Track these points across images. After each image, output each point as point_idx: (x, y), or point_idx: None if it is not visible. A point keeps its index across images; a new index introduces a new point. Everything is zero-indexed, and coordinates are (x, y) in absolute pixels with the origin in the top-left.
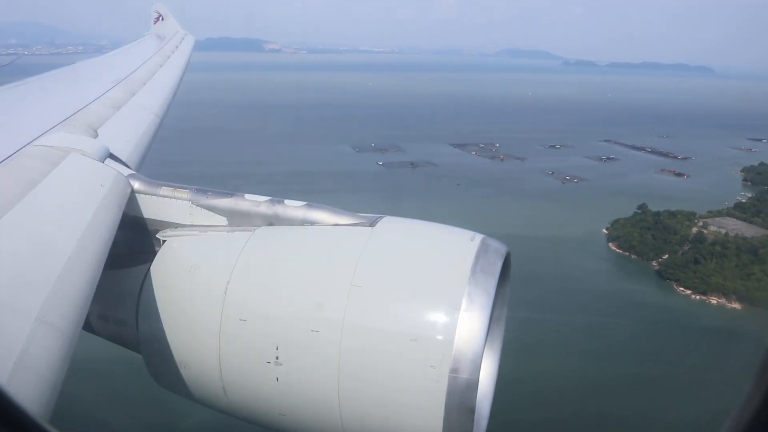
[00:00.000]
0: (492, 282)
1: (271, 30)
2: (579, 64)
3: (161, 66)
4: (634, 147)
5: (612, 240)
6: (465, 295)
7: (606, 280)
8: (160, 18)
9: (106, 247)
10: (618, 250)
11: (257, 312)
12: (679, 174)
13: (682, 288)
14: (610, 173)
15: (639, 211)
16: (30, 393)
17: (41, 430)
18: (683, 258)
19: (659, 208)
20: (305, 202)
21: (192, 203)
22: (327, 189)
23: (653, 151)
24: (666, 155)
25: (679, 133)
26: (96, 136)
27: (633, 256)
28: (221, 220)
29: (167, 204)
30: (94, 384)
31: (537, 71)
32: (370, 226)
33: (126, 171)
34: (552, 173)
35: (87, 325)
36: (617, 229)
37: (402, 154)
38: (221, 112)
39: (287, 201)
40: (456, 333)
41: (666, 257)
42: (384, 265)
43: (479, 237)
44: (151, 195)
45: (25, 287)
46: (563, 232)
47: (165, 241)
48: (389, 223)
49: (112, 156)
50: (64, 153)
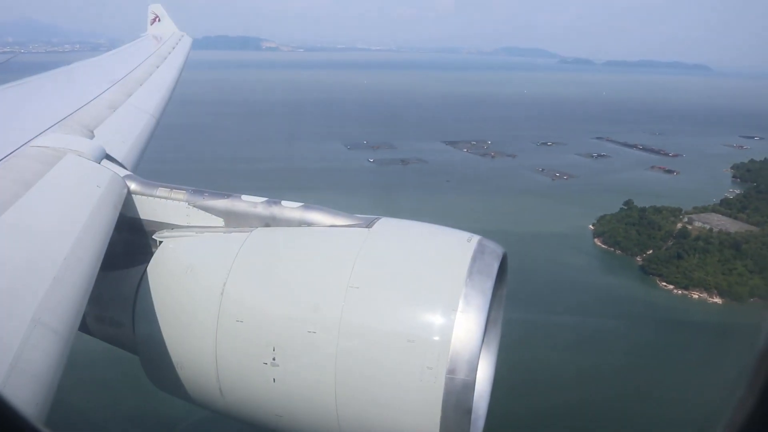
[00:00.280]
0: (489, 283)
1: (269, 28)
2: (576, 62)
3: (158, 67)
4: (626, 144)
5: (598, 236)
6: (462, 297)
7: (589, 275)
8: (156, 19)
9: (102, 248)
10: (603, 245)
11: (254, 313)
12: (669, 171)
13: (664, 283)
14: (600, 170)
15: (625, 207)
16: (25, 395)
17: None
18: (666, 253)
19: (647, 204)
20: (302, 203)
21: (188, 204)
22: (315, 186)
23: (645, 149)
24: (657, 152)
25: (672, 131)
26: (92, 137)
27: (618, 251)
28: (218, 221)
29: (164, 205)
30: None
31: (533, 69)
32: (366, 227)
33: (122, 172)
34: (542, 170)
35: (83, 327)
36: (603, 225)
37: (393, 151)
38: (216, 109)
39: (284, 202)
40: (453, 334)
41: (650, 253)
42: (381, 267)
43: (476, 238)
44: (148, 196)
45: (21, 288)
46: (549, 228)
47: (161, 242)
48: (386, 225)
49: (108, 157)
50: (60, 154)
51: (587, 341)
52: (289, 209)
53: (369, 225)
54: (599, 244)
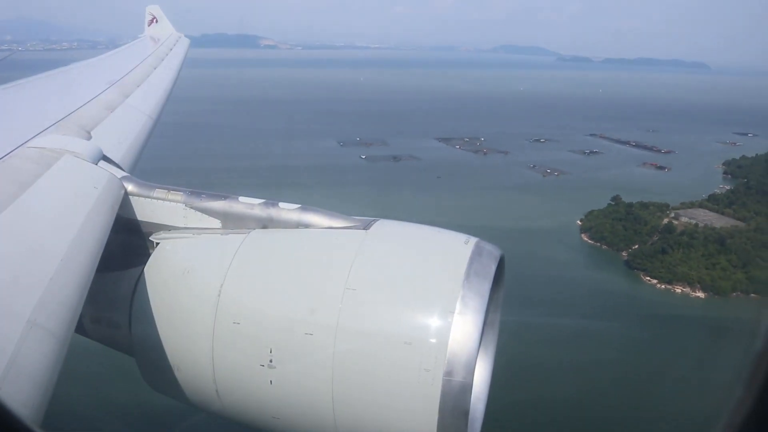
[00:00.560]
0: (486, 285)
1: (267, 26)
2: (574, 60)
3: (155, 68)
4: (619, 141)
5: (585, 231)
6: (459, 299)
7: (573, 270)
8: (154, 20)
9: (99, 250)
10: (590, 241)
11: (251, 315)
12: (661, 167)
13: (648, 278)
14: (591, 166)
15: (612, 203)
16: (21, 396)
17: None
18: (651, 248)
19: (637, 200)
20: (299, 204)
21: (186, 205)
22: (304, 183)
23: (638, 145)
24: (650, 149)
25: (666, 128)
26: (89, 137)
27: (604, 246)
28: (215, 222)
29: (161, 206)
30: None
31: (531, 67)
32: (364, 229)
33: (119, 173)
34: (533, 166)
35: (80, 328)
36: (590, 221)
37: (386, 148)
38: (212, 107)
39: (281, 204)
40: (450, 336)
41: (635, 248)
42: (378, 269)
43: (473, 240)
44: (145, 197)
45: (17, 289)
46: (537, 223)
47: (158, 244)
48: (383, 226)
49: (105, 158)
50: (57, 155)
51: (566, 338)
52: (287, 211)
53: (366, 227)
54: (586, 239)
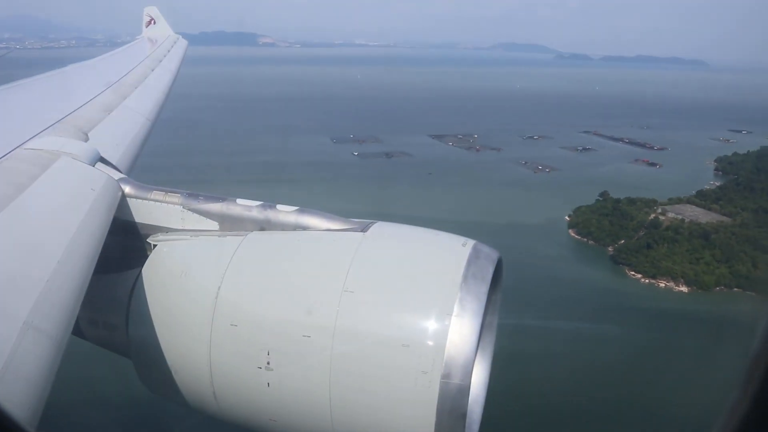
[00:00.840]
0: (483, 288)
1: (266, 24)
2: (573, 57)
3: (153, 70)
4: (612, 138)
5: (572, 227)
6: (456, 301)
7: (559, 265)
8: (152, 22)
9: (96, 251)
10: (577, 236)
11: (248, 317)
12: (652, 164)
13: (633, 272)
14: (583, 163)
15: (600, 199)
16: (17, 398)
17: None
18: (637, 243)
19: (627, 196)
20: (297, 207)
21: (183, 207)
22: (293, 178)
23: (631, 142)
24: (643, 146)
25: (661, 125)
26: (86, 139)
27: (590, 242)
28: (213, 224)
29: (158, 208)
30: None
31: (530, 65)
32: (362, 231)
33: (117, 175)
34: (525, 163)
35: (76, 330)
36: (578, 216)
37: (379, 145)
38: (209, 104)
39: (279, 206)
40: (447, 339)
41: (621, 243)
42: (376, 271)
43: (471, 243)
44: (142, 199)
45: (14, 291)
46: (525, 219)
47: (156, 246)
48: (381, 229)
49: (102, 159)
50: (54, 156)
51: (542, 333)
52: (284, 213)
53: (364, 229)
54: (573, 234)
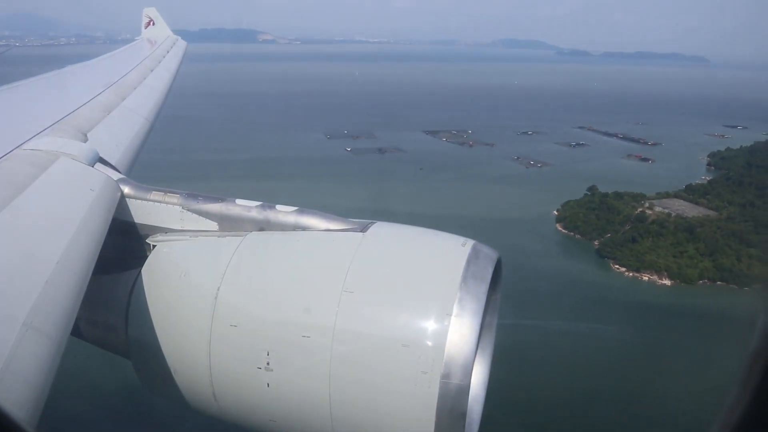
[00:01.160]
0: (483, 288)
1: (266, 21)
2: (573, 53)
3: (152, 71)
4: (606, 133)
5: (560, 221)
6: (456, 301)
7: (542, 258)
8: (151, 23)
9: (95, 252)
10: (564, 230)
11: (248, 317)
12: (645, 159)
13: (617, 266)
14: (575, 158)
15: (589, 193)
16: (17, 399)
17: None
18: (622, 237)
19: (618, 191)
20: (296, 207)
21: (182, 208)
22: (284, 174)
23: (625, 138)
24: (637, 141)
25: (656, 121)
26: (86, 140)
27: (577, 236)
28: (212, 224)
29: (157, 208)
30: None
31: (530, 61)
32: (361, 231)
33: (116, 175)
34: (517, 158)
35: (76, 331)
36: (566, 211)
37: (373, 140)
38: (205, 102)
39: (278, 206)
40: (447, 338)
41: (608, 236)
42: (375, 271)
43: (470, 243)
44: (141, 199)
45: (13, 292)
46: (514, 214)
47: (155, 246)
48: (381, 229)
49: (101, 160)
50: (53, 157)
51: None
52: (284, 213)
53: (363, 229)
54: (560, 229)
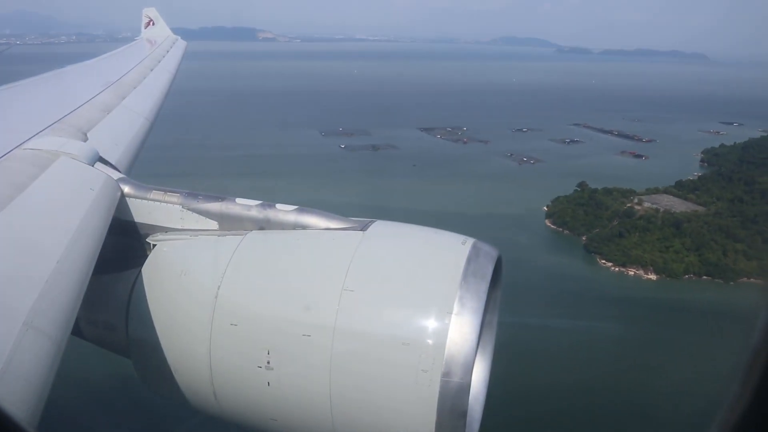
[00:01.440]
0: (483, 286)
1: (266, 19)
2: (573, 51)
3: (152, 70)
4: (602, 130)
5: (549, 217)
6: (456, 299)
7: (528, 253)
8: (150, 23)
9: (95, 251)
10: (553, 226)
11: (248, 316)
12: (638, 155)
13: (604, 261)
14: (569, 155)
15: (578, 189)
16: (17, 399)
17: None
18: (610, 232)
19: (609, 187)
20: (296, 206)
21: (182, 207)
22: (275, 171)
23: (620, 134)
24: (631, 138)
25: (652, 118)
26: (86, 139)
27: (566, 231)
28: (212, 224)
29: (157, 208)
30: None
31: (529, 59)
32: (361, 230)
33: (116, 174)
34: (510, 155)
35: (76, 330)
36: (556, 207)
37: (367, 137)
38: (202, 99)
39: (278, 205)
40: (448, 337)
41: (595, 232)
42: (375, 270)
43: (470, 241)
44: (141, 199)
45: (13, 291)
46: (504, 209)
47: (155, 245)
48: (381, 227)
49: (101, 159)
50: (53, 156)
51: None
52: (284, 212)
53: (364, 228)
54: (549, 224)
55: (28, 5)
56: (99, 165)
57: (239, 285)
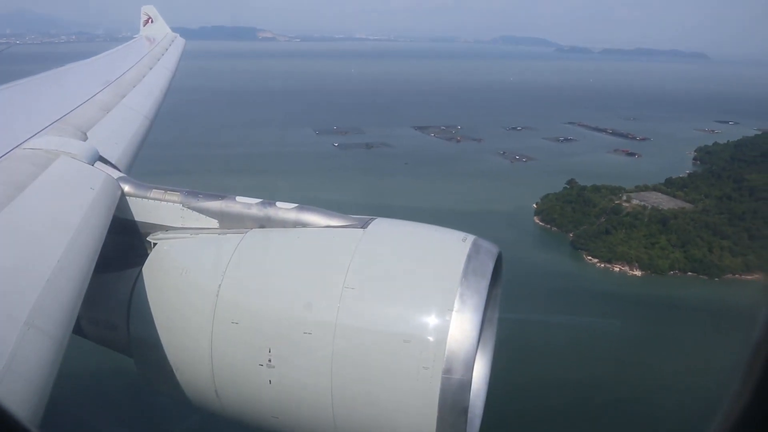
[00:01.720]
0: (484, 283)
1: (266, 18)
2: (572, 50)
3: (151, 68)
4: (596, 129)
5: (537, 214)
6: (457, 296)
7: (514, 249)
8: (149, 20)
9: (96, 251)
10: (541, 223)
11: (249, 314)
12: (631, 154)
13: (590, 257)
14: (561, 153)
15: (567, 186)
16: (19, 398)
17: None
18: (597, 229)
19: (600, 185)
20: (297, 204)
21: (183, 206)
22: (268, 169)
23: (614, 133)
24: (625, 136)
25: (648, 116)
26: (85, 138)
27: (554, 228)
28: (212, 222)
29: (158, 206)
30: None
31: (529, 58)
32: (361, 227)
33: (116, 174)
34: (503, 153)
35: (77, 329)
36: (545, 204)
37: (361, 136)
38: (200, 98)
39: (279, 203)
40: (448, 334)
41: (583, 228)
42: (376, 267)
43: (471, 238)
44: (142, 198)
45: (15, 291)
46: (493, 207)
47: (156, 244)
48: (381, 225)
49: (101, 159)
50: (53, 156)
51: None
52: (284, 210)
53: (364, 225)
54: (538, 221)
55: (28, 5)
56: (99, 164)
57: (240, 283)
